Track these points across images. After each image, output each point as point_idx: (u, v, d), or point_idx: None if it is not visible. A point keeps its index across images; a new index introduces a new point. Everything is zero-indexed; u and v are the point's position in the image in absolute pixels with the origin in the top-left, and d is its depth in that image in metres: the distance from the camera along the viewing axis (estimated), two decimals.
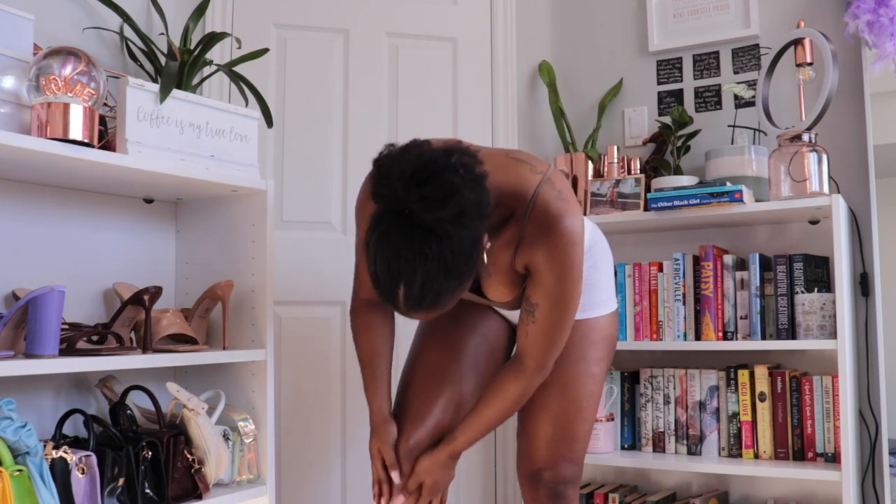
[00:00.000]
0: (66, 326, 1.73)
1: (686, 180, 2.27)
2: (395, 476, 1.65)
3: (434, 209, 1.26)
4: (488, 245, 1.46)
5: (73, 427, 1.88)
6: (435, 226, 1.27)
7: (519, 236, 1.47)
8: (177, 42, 2.30)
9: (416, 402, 1.68)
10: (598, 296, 1.74)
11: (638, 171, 2.40)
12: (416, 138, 1.37)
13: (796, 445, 2.12)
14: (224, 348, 1.96)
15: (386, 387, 1.69)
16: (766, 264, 2.19)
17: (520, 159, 1.50)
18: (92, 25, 2.08)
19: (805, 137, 2.10)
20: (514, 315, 1.80)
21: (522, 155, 1.53)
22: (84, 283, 1.96)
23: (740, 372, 2.18)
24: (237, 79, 2.01)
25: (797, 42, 2.19)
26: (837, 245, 2.01)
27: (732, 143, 2.38)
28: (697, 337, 2.21)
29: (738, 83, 2.35)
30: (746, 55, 2.43)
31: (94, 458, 1.59)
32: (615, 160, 2.44)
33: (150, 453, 1.70)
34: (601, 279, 1.75)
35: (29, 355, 1.54)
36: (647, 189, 2.35)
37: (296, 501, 2.40)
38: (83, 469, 1.57)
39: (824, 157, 2.10)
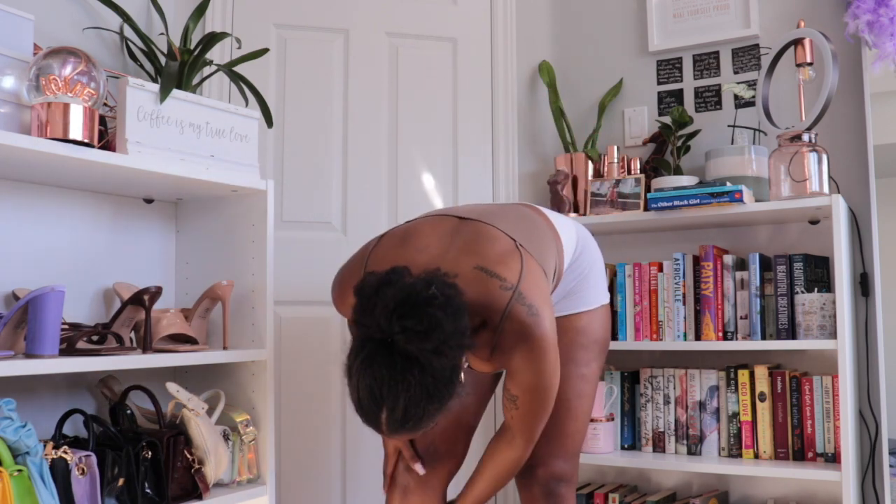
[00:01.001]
0: (66, 326, 1.73)
1: (686, 180, 2.27)
2: (418, 468, 1.71)
3: (416, 341, 1.31)
4: (466, 364, 1.51)
5: (73, 427, 1.88)
6: (417, 355, 1.32)
7: (493, 342, 1.50)
8: (177, 42, 2.30)
9: None
10: (589, 292, 1.77)
11: (638, 171, 2.40)
12: (397, 266, 1.41)
13: (796, 445, 2.12)
14: (224, 348, 1.96)
15: None
16: (766, 264, 2.19)
17: (488, 271, 1.51)
18: (92, 25, 2.08)
19: (805, 137, 2.10)
20: None
21: (490, 259, 1.52)
22: (84, 283, 1.96)
23: (740, 372, 2.18)
24: (237, 79, 2.01)
25: (797, 42, 2.19)
26: (837, 245, 2.01)
27: (732, 143, 2.38)
28: (697, 337, 2.21)
29: (738, 83, 2.35)
30: (746, 55, 2.43)
31: (94, 458, 1.59)
32: (615, 160, 2.44)
33: (150, 453, 1.70)
34: (593, 279, 1.79)
35: (29, 355, 1.54)
36: (647, 189, 2.35)
37: (296, 501, 2.40)
38: (83, 469, 1.57)
39: (824, 157, 2.10)
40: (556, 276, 1.67)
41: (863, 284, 2.22)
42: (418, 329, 1.31)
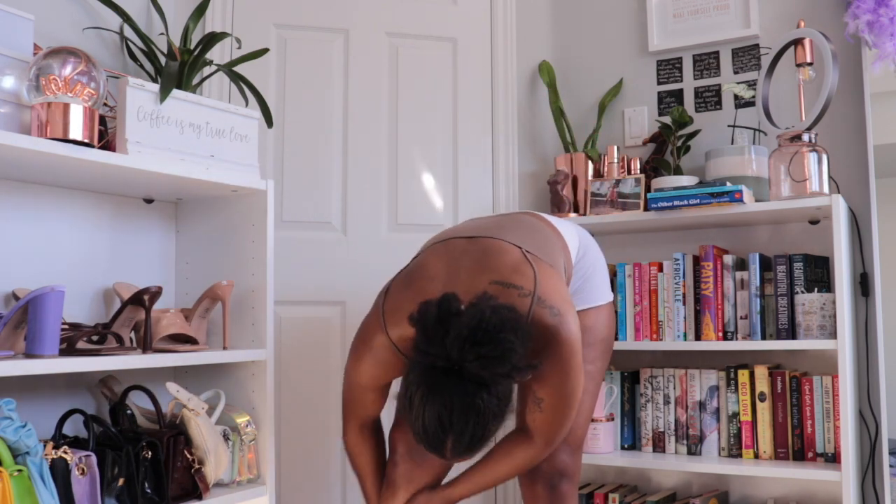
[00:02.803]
0: (66, 326, 1.73)
1: (686, 180, 2.27)
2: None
3: (492, 367, 1.33)
4: None
5: (73, 427, 1.88)
6: (489, 381, 1.34)
7: None
8: (177, 42, 2.30)
9: None
10: (594, 291, 1.79)
11: (638, 171, 2.40)
12: (448, 293, 1.41)
13: (796, 445, 2.12)
14: (224, 348, 1.96)
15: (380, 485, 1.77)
16: (766, 264, 2.19)
17: (504, 283, 1.52)
18: (92, 25, 2.08)
19: (805, 137, 2.10)
20: None
21: (503, 272, 1.53)
22: (84, 283, 1.96)
23: (740, 372, 2.18)
24: (237, 79, 2.01)
25: (797, 42, 2.19)
26: (837, 245, 2.01)
27: (732, 143, 2.38)
28: (697, 337, 2.21)
29: (738, 83, 2.35)
30: (746, 55, 2.43)
31: (94, 458, 1.59)
32: (615, 160, 2.44)
33: (150, 453, 1.70)
34: (596, 279, 1.81)
35: (29, 355, 1.54)
36: (647, 189, 2.35)
37: (296, 501, 2.40)
38: (83, 469, 1.57)
39: (824, 157, 2.10)
40: (566, 272, 1.69)
41: (863, 284, 2.22)
42: (493, 355, 1.33)
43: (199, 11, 2.11)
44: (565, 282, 1.62)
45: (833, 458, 2.08)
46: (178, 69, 1.91)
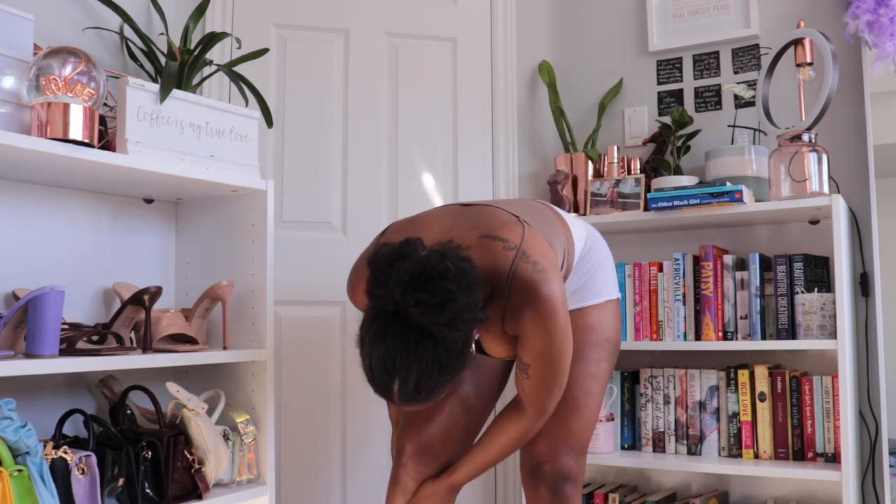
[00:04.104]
0: (66, 326, 1.73)
1: (686, 180, 2.27)
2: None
3: (430, 314, 1.32)
4: (476, 336, 1.52)
5: (73, 427, 1.88)
6: (430, 328, 1.33)
7: (502, 311, 1.51)
8: (177, 42, 2.30)
9: None
10: (599, 287, 1.78)
11: (638, 171, 2.40)
12: (410, 237, 1.42)
13: (796, 445, 2.12)
14: (224, 348, 1.96)
15: None
16: (766, 264, 2.19)
17: (492, 236, 1.53)
18: (92, 25, 2.08)
19: (805, 137, 2.10)
20: None
21: (493, 227, 1.55)
22: (84, 283, 1.96)
23: (740, 372, 2.18)
24: (237, 79, 2.01)
25: (797, 42, 2.19)
26: (837, 245, 2.01)
27: (732, 143, 2.38)
28: (697, 337, 2.21)
29: (738, 83, 2.35)
30: (746, 55, 2.43)
31: (94, 458, 1.59)
32: (615, 160, 2.44)
33: (150, 453, 1.70)
34: (601, 275, 1.80)
35: (29, 355, 1.54)
36: (647, 189, 2.35)
37: (296, 501, 2.40)
38: (83, 469, 1.57)
39: (824, 157, 2.10)
40: (566, 260, 1.69)
41: (863, 284, 2.22)
42: (432, 302, 1.32)
43: (199, 11, 2.11)
44: (560, 264, 1.62)
45: (833, 458, 2.08)
46: (178, 69, 1.91)
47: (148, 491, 1.70)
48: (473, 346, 1.49)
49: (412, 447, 1.72)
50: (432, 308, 1.32)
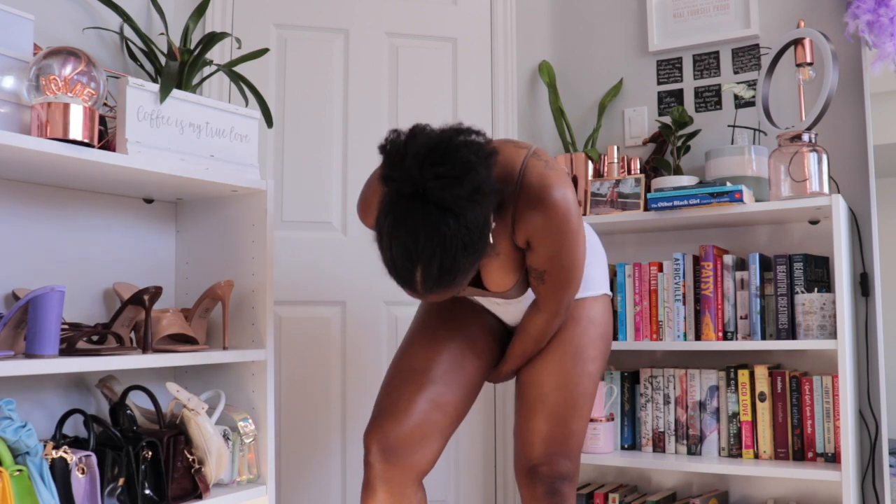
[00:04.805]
0: (66, 326, 1.73)
1: (686, 180, 2.27)
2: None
3: (451, 187, 1.29)
4: (493, 225, 1.48)
5: (73, 427, 1.88)
6: (451, 203, 1.29)
7: (512, 213, 1.48)
8: (177, 42, 2.30)
9: (396, 398, 1.68)
10: (587, 280, 1.78)
11: (638, 171, 2.40)
12: (418, 123, 1.39)
13: (796, 445, 2.12)
14: (224, 348, 1.96)
15: None
16: (766, 264, 2.19)
17: (503, 139, 1.56)
18: (92, 25, 2.08)
19: (805, 137, 2.10)
20: (507, 314, 1.80)
21: (503, 139, 1.58)
22: (84, 283, 1.96)
23: (740, 372, 2.18)
24: (237, 79, 2.01)
25: (797, 42, 2.19)
26: (837, 245, 2.01)
27: (732, 143, 2.38)
28: (697, 337, 2.21)
29: (738, 83, 2.35)
30: (746, 55, 2.43)
31: (94, 458, 1.59)
32: (615, 160, 2.44)
33: (150, 453, 1.70)
34: (598, 266, 1.81)
35: (29, 355, 1.54)
36: (647, 189, 2.35)
37: (296, 501, 2.40)
38: (83, 469, 1.57)
39: (824, 157, 2.10)
40: None
41: (863, 284, 2.22)
42: (452, 174, 1.29)
43: (199, 11, 2.11)
44: None
45: (833, 458, 2.08)
46: (178, 69, 1.91)
47: (148, 491, 1.70)
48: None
49: (377, 446, 1.66)
50: (452, 181, 1.29)
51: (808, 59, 2.18)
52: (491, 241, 1.41)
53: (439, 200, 1.29)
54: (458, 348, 1.74)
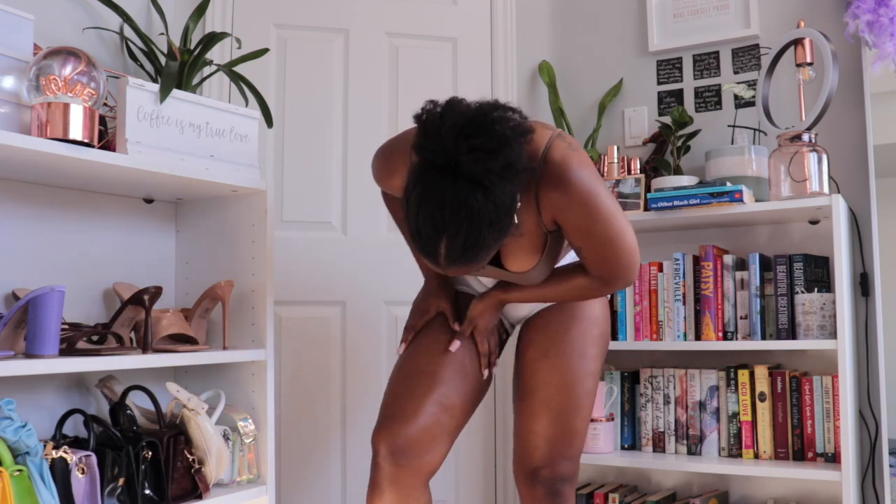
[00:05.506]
0: (66, 326, 1.73)
1: (686, 180, 2.28)
2: (456, 326, 1.74)
3: (484, 160, 1.28)
4: (519, 204, 1.47)
5: (73, 427, 1.88)
6: (482, 177, 1.29)
7: (535, 192, 1.47)
8: (177, 42, 2.30)
9: (405, 400, 1.68)
10: None
11: (638, 171, 2.40)
12: (455, 96, 1.39)
13: (796, 445, 2.12)
14: (224, 348, 1.96)
15: None
16: (766, 264, 2.19)
17: (533, 120, 1.53)
18: (92, 25, 2.08)
19: (805, 137, 2.10)
20: (514, 314, 1.80)
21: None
22: (84, 283, 1.96)
23: (740, 372, 2.18)
24: (237, 79, 2.01)
25: (797, 42, 2.19)
26: (837, 245, 2.01)
27: (732, 143, 2.38)
28: (697, 337, 2.21)
29: (738, 83, 2.35)
30: (746, 55, 2.43)
31: (94, 458, 1.59)
32: (615, 160, 2.43)
33: (150, 453, 1.70)
34: None
35: (29, 355, 1.54)
36: (647, 189, 2.35)
37: (296, 501, 2.40)
38: (83, 469, 1.57)
39: (824, 157, 2.10)
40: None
41: (863, 284, 2.22)
42: (487, 147, 1.28)
43: (199, 11, 2.11)
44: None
45: (833, 458, 2.08)
46: (178, 69, 1.91)
47: (148, 491, 1.70)
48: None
49: (385, 448, 1.65)
50: (487, 154, 1.28)
51: (808, 59, 2.18)
52: (516, 220, 1.40)
53: (470, 174, 1.29)
54: (462, 350, 1.74)
